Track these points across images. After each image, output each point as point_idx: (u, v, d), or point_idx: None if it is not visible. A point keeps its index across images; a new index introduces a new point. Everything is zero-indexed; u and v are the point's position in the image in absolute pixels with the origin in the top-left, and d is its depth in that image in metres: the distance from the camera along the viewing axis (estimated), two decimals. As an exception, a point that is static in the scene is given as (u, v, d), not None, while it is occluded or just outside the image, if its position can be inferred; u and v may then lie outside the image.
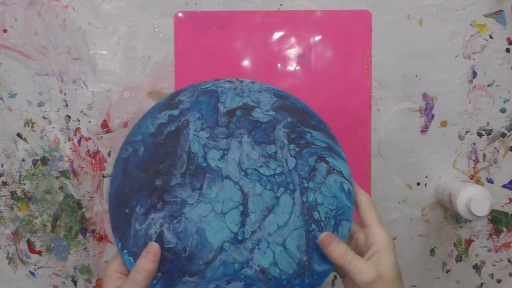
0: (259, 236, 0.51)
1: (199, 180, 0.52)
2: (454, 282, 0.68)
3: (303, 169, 0.52)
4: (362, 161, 0.67)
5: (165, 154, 0.52)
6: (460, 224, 0.68)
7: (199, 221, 0.51)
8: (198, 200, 0.51)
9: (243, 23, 0.67)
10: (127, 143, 0.53)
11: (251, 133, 0.53)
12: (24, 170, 0.68)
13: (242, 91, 0.54)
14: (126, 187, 0.52)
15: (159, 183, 0.52)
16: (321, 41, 0.67)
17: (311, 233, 0.51)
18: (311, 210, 0.51)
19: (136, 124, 0.53)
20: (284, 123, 0.53)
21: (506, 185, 0.68)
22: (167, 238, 0.51)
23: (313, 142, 0.52)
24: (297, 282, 0.50)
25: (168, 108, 0.53)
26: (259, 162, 0.52)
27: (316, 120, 0.53)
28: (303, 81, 0.67)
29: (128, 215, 0.51)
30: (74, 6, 0.67)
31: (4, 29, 0.67)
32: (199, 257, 0.50)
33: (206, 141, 0.52)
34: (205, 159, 0.52)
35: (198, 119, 0.53)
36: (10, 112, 0.68)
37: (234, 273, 0.50)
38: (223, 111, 0.53)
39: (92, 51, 0.67)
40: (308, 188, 0.52)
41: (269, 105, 0.53)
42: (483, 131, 0.68)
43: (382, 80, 0.67)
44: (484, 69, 0.67)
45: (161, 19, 0.67)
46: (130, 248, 0.50)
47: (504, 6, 0.66)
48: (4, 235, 0.68)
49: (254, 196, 0.51)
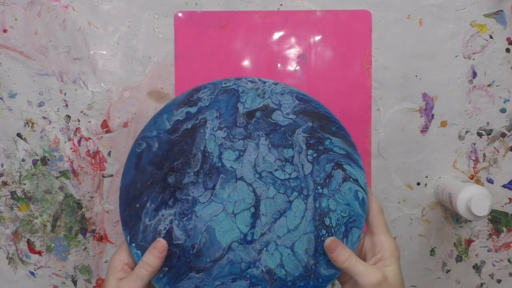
0: (268, 238, 0.51)
1: (212, 179, 0.52)
2: (454, 282, 0.68)
3: (319, 175, 0.52)
4: (362, 161, 0.67)
5: (180, 151, 0.52)
6: (460, 224, 0.68)
7: (209, 220, 0.51)
8: (210, 200, 0.51)
9: (243, 23, 0.67)
10: (141, 138, 0.52)
11: (269, 136, 0.52)
12: (24, 170, 0.68)
13: (264, 92, 0.53)
14: (138, 182, 0.51)
15: (172, 180, 0.51)
16: (321, 41, 0.67)
17: (320, 238, 0.51)
18: (323, 216, 0.51)
19: (151, 119, 0.53)
20: (304, 127, 0.52)
21: (506, 185, 0.68)
22: (176, 235, 0.51)
23: (332, 149, 0.52)
24: (301, 284, 0.50)
25: (186, 105, 0.52)
26: (275, 166, 0.52)
27: (337, 126, 0.53)
28: (303, 81, 0.67)
29: (138, 209, 0.51)
30: (74, 6, 0.67)
31: (4, 29, 0.67)
32: (207, 255, 0.51)
33: (223, 141, 0.52)
34: (220, 159, 0.52)
35: (216, 118, 0.52)
36: (10, 112, 0.68)
37: (240, 272, 0.51)
38: (243, 112, 0.52)
39: (92, 51, 0.67)
40: (322, 194, 0.51)
41: (290, 108, 0.53)
42: (483, 131, 0.68)
43: (382, 80, 0.67)
44: (484, 69, 0.67)
45: (161, 19, 0.67)
46: (139, 242, 0.50)
47: (504, 6, 0.66)
48: (4, 235, 0.68)
49: (266, 199, 0.51)
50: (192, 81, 0.67)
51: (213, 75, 0.67)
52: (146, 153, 0.52)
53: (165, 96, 0.67)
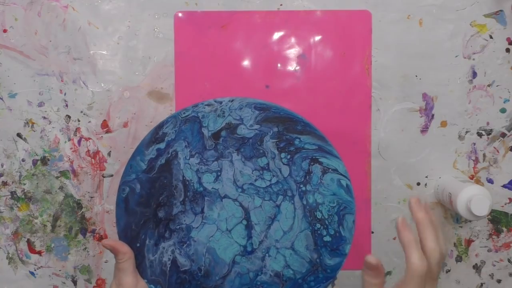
0: (267, 244, 0.52)
1: (199, 204, 0.53)
2: (454, 282, 0.68)
3: (298, 174, 0.53)
4: (362, 161, 0.67)
5: (162, 186, 0.53)
6: (460, 224, 0.68)
7: (207, 242, 0.53)
8: (203, 223, 0.53)
9: (243, 23, 0.67)
10: (123, 183, 0.54)
11: (239, 150, 0.53)
12: (24, 170, 0.68)
13: (222, 111, 0.54)
14: (132, 224, 0.54)
15: (162, 214, 0.53)
16: (321, 41, 0.67)
17: (317, 232, 0.52)
18: (313, 211, 0.52)
19: (127, 164, 0.54)
20: (270, 134, 0.53)
21: (506, 185, 0.68)
22: (181, 262, 0.53)
23: (303, 147, 0.53)
24: (311, 278, 0.51)
25: (154, 143, 0.54)
26: (254, 176, 0.53)
27: (302, 124, 0.54)
28: (303, 81, 0.67)
29: (139, 248, 0.53)
30: (74, 6, 0.67)
31: (4, 29, 0.67)
32: (215, 273, 0.52)
33: (198, 166, 0.53)
34: (200, 184, 0.53)
35: (186, 147, 0.54)
36: (10, 112, 0.68)
37: (250, 281, 0.52)
38: (208, 135, 0.54)
39: (92, 51, 0.67)
40: (306, 191, 0.52)
41: (252, 120, 0.54)
42: (483, 131, 0.68)
43: (382, 80, 0.67)
44: (484, 69, 0.67)
45: (161, 19, 0.67)
46: (149, 277, 0.53)
47: (504, 6, 0.66)
48: (4, 235, 0.68)
49: (255, 209, 0.53)
50: (192, 81, 0.67)
51: (213, 75, 0.67)
52: (131, 196, 0.54)
53: (165, 96, 0.67)
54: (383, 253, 0.67)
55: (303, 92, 0.67)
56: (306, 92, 0.67)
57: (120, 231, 0.54)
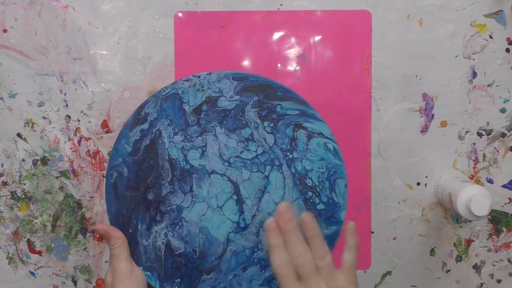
0: (260, 218, 0.52)
1: (187, 183, 0.53)
2: (454, 282, 0.68)
3: (283, 142, 0.52)
4: (362, 161, 0.67)
5: (148, 168, 0.53)
6: (460, 224, 0.68)
7: (199, 221, 0.52)
8: (193, 202, 0.52)
9: (243, 23, 0.67)
10: (110, 168, 0.54)
11: (222, 123, 0.53)
12: (24, 170, 0.68)
13: (201, 85, 0.54)
14: (123, 209, 0.53)
15: (152, 196, 0.53)
16: (321, 41, 0.67)
17: (309, 200, 0.51)
18: (303, 179, 0.51)
19: (113, 149, 0.54)
20: (251, 103, 0.53)
21: (506, 185, 0.68)
22: (175, 245, 0.52)
23: (285, 113, 0.53)
24: None
25: (137, 124, 0.54)
26: (239, 148, 0.53)
27: (281, 90, 0.53)
28: (303, 81, 0.67)
29: (132, 234, 0.53)
30: (74, 6, 0.67)
31: (4, 29, 0.67)
32: (210, 254, 0.52)
33: (182, 144, 0.53)
34: (187, 162, 0.53)
35: (169, 125, 0.53)
36: (10, 112, 0.68)
37: (247, 259, 0.51)
38: (190, 111, 0.53)
39: (92, 51, 0.67)
40: (294, 159, 0.52)
41: (232, 91, 0.53)
42: (483, 131, 0.68)
43: (382, 80, 0.67)
44: (484, 69, 0.67)
45: (161, 19, 0.67)
46: (145, 264, 0.52)
47: (504, 6, 0.66)
48: (4, 235, 0.68)
49: (243, 182, 0.52)
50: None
51: (213, 75, 0.67)
52: (120, 181, 0.53)
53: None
54: (383, 253, 0.67)
55: (303, 92, 0.66)
56: (306, 92, 0.67)
57: (112, 218, 0.53)
